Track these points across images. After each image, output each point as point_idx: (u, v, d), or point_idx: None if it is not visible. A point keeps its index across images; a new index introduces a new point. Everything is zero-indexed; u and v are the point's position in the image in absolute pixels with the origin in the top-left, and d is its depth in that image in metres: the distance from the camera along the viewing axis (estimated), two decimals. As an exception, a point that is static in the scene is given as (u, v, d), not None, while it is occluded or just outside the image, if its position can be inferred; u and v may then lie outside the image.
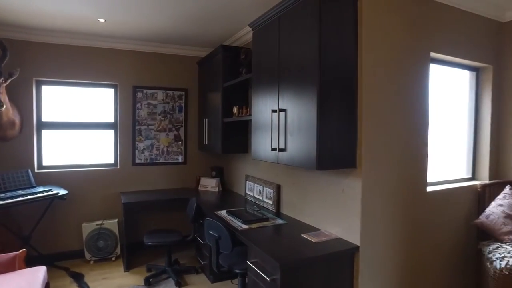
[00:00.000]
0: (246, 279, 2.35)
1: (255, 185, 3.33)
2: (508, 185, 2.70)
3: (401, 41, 2.29)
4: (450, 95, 2.91)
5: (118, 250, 3.78)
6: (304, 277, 1.96)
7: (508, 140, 2.93)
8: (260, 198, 3.22)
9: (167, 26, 3.43)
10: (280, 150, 2.33)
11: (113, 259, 3.77)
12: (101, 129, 4.01)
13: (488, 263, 2.41)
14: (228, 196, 3.77)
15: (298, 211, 2.71)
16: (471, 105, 3.03)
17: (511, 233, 2.54)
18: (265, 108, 2.55)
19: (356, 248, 2.13)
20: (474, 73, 3.01)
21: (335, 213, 2.31)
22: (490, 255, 2.42)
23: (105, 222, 3.75)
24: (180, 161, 4.26)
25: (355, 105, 2.14)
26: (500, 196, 2.69)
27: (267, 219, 2.67)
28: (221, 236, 2.45)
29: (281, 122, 2.33)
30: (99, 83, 3.96)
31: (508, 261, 2.28)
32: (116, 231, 3.76)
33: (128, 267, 3.53)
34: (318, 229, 2.43)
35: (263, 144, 2.57)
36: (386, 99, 2.21)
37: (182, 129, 4.27)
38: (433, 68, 2.63)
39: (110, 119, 4.03)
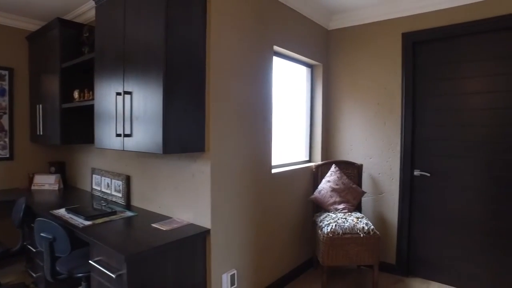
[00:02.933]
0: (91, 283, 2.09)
1: (103, 178, 3.01)
2: (334, 164, 3.24)
3: (249, 30, 2.43)
4: (292, 88, 3.29)
5: None
6: (155, 267, 1.87)
7: (333, 126, 3.52)
8: (109, 192, 2.93)
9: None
10: (126, 135, 2.15)
11: None
12: None
13: (319, 230, 2.83)
14: (70, 193, 3.29)
15: (150, 202, 2.59)
16: (308, 97, 3.50)
17: (335, 203, 3.06)
18: (109, 91, 2.31)
19: (207, 231, 2.16)
20: (310, 69, 3.49)
21: (187, 199, 2.29)
22: (321, 224, 2.86)
23: None
24: (4, 156, 3.47)
25: (204, 89, 2.15)
26: (328, 173, 3.20)
27: (114, 213, 2.44)
28: (56, 237, 2.10)
29: (126, 105, 2.15)
30: None
31: (332, 226, 2.74)
32: None
33: None
34: (169, 217, 2.37)
35: (107, 130, 2.33)
36: (234, 86, 2.31)
37: (5, 116, 3.47)
38: (278, 61, 2.92)
39: None
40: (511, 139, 2.68)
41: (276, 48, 2.76)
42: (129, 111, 2.13)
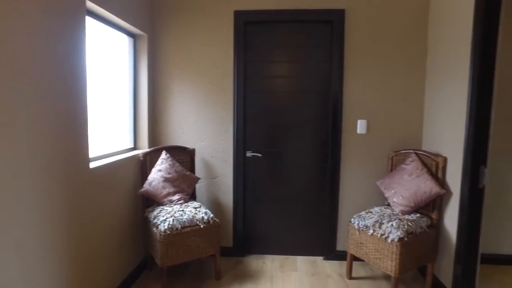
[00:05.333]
0: None
1: None
2: (164, 151, 2.87)
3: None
4: (112, 62, 2.64)
5: None
6: None
7: (161, 107, 3.13)
8: None
9: None
10: None
11: None
12: None
13: (154, 228, 2.43)
14: None
15: None
16: (131, 74, 2.94)
17: (169, 195, 2.72)
18: None
19: None
20: (133, 39, 2.92)
21: None
22: (155, 220, 2.47)
23: None
24: None
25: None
26: (158, 162, 2.81)
27: None
28: None
29: None
30: None
31: (169, 221, 2.40)
32: None
33: None
34: None
35: None
36: (18, 51, 1.55)
37: None
38: (92, 24, 2.22)
39: None
40: (320, 120, 3.06)
41: (90, 4, 2.09)
42: None
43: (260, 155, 3.13)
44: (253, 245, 3.24)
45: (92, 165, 2.14)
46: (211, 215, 2.60)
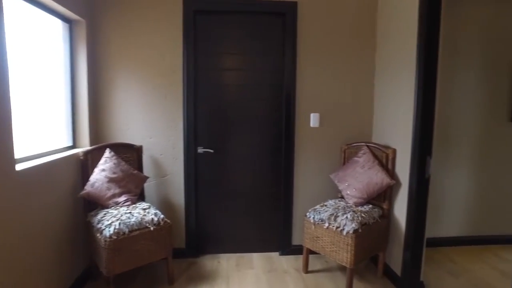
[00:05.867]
0: None
1: None
2: (108, 149, 2.63)
3: None
4: (43, 51, 2.33)
5: None
6: None
7: (103, 101, 2.86)
8: None
9: None
10: None
11: None
12: None
13: (98, 234, 2.21)
14: None
15: None
16: (67, 65, 2.63)
17: (114, 196, 2.50)
18: None
19: None
20: (68, 25, 2.62)
21: None
22: (100, 225, 2.24)
23: None
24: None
25: None
26: (102, 161, 2.57)
27: None
28: None
29: None
30: None
31: (116, 225, 2.19)
32: None
33: None
34: None
35: None
36: None
37: None
38: (17, 4, 1.92)
39: None
40: (274, 114, 3.02)
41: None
42: None
43: (212, 151, 3.01)
44: (207, 244, 3.12)
45: (19, 167, 1.87)
46: (162, 216, 2.43)
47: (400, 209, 2.55)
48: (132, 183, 2.62)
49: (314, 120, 3.01)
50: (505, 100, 3.23)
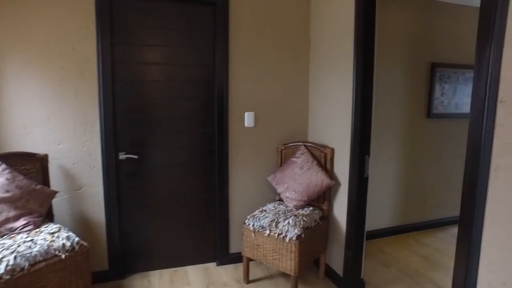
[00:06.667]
0: None
1: None
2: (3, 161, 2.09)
3: None
4: None
5: None
6: None
7: (-7, 102, 2.28)
8: None
9: None
10: None
11: None
12: None
13: (-15, 273, 1.70)
14: None
15: None
16: None
17: (8, 222, 1.98)
18: None
19: None
20: None
21: None
22: (-13, 261, 1.73)
23: None
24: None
25: None
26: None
27: None
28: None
29: None
30: None
31: (9, 260, 1.71)
32: None
33: None
34: None
35: None
36: None
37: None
38: None
39: None
40: (205, 113, 2.76)
41: None
42: None
43: (136, 156, 2.62)
44: (135, 262, 2.73)
45: None
46: (76, 239, 2.01)
47: (340, 209, 2.52)
48: (34, 202, 2.12)
49: (249, 119, 2.83)
50: (423, 98, 3.47)
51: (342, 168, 2.47)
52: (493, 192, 1.35)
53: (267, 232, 2.34)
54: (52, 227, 2.08)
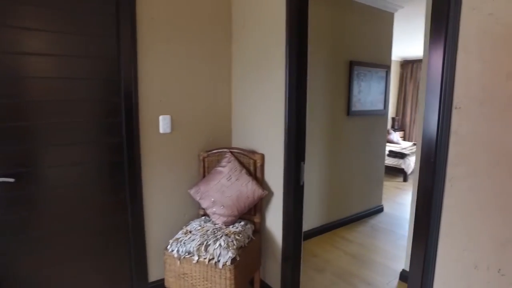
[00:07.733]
0: None
1: None
2: None
3: None
4: None
5: None
6: None
7: None
8: None
9: None
10: None
11: None
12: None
13: None
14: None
15: None
16: None
17: None
18: None
19: None
20: None
21: None
22: None
23: None
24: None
25: None
26: None
27: None
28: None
29: None
30: None
31: None
32: None
33: None
34: None
35: None
36: None
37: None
38: None
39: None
40: (108, 118, 2.23)
41: None
42: None
43: (12, 180, 1.95)
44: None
45: None
46: None
47: (274, 220, 2.30)
48: None
49: (164, 124, 2.39)
50: (343, 96, 3.49)
51: (274, 176, 2.24)
52: (448, 204, 1.25)
53: (196, 258, 1.98)
54: None
